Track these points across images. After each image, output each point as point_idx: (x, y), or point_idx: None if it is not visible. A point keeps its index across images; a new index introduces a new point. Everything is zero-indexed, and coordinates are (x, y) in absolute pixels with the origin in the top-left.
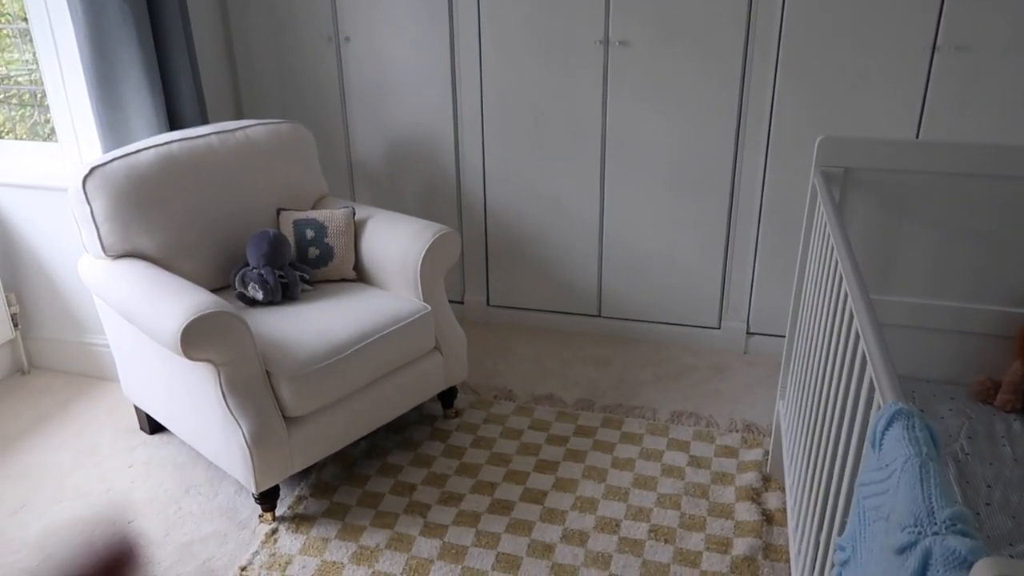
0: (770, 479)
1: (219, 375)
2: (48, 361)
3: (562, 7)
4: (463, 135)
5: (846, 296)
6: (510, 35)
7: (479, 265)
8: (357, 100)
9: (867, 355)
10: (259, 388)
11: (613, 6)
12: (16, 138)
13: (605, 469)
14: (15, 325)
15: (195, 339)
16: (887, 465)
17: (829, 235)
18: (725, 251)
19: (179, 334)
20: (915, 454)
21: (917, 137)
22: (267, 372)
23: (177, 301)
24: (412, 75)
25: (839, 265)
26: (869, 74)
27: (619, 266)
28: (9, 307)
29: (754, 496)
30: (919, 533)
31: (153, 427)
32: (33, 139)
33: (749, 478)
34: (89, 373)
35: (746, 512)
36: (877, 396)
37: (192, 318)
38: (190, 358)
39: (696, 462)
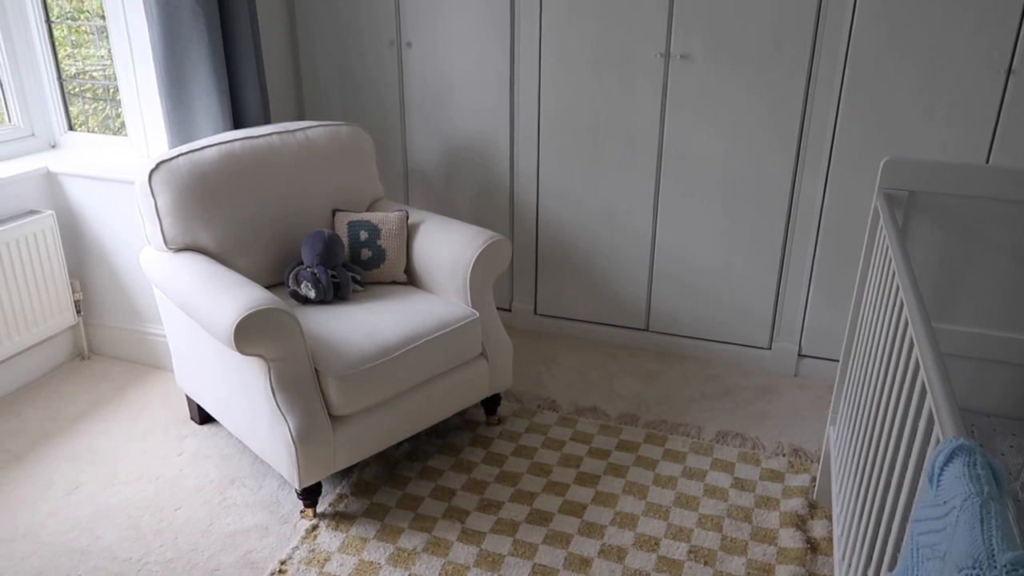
0: (816, 506)
1: (269, 371)
2: (107, 348)
3: (624, 18)
4: (519, 144)
5: (906, 323)
6: (571, 45)
7: (528, 274)
8: (416, 105)
9: (927, 386)
10: (307, 386)
11: (676, 19)
12: (88, 131)
13: (646, 486)
14: (78, 312)
15: (248, 334)
16: (945, 502)
17: (890, 259)
18: (779, 271)
19: (233, 328)
20: (976, 493)
21: (987, 162)
22: (315, 370)
23: (232, 296)
24: (471, 82)
25: (900, 291)
26: (938, 96)
27: (670, 281)
28: (73, 294)
29: (799, 523)
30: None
31: (203, 417)
32: (104, 132)
33: (795, 504)
34: (145, 361)
35: (790, 539)
36: (936, 429)
37: (246, 313)
38: (242, 352)
39: (740, 484)
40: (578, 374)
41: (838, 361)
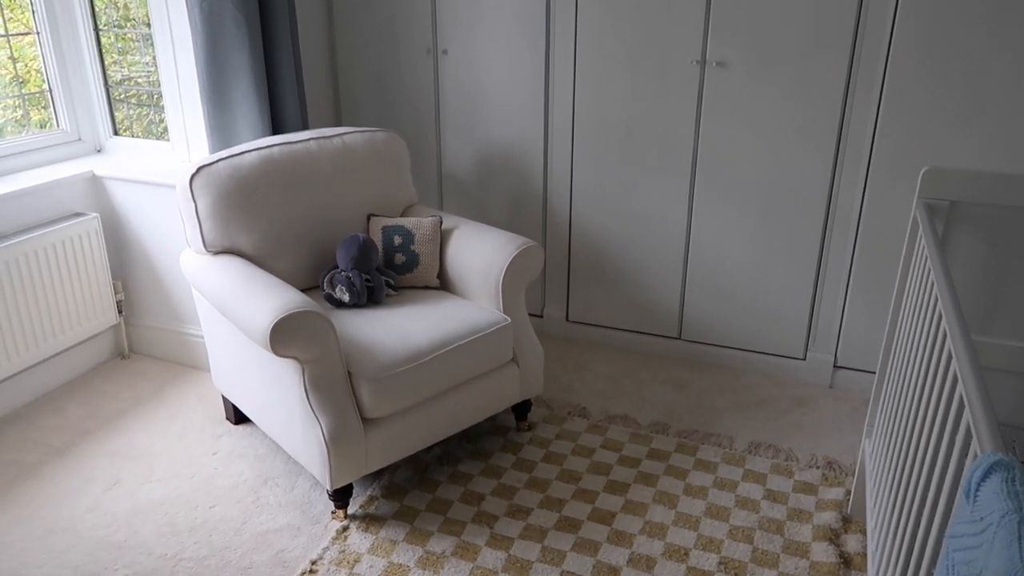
0: (851, 520)
1: (303, 373)
2: (147, 347)
3: (660, 25)
4: (553, 150)
5: (945, 336)
6: (606, 52)
7: (561, 280)
8: (451, 112)
9: (965, 400)
10: (340, 388)
11: (712, 26)
12: (133, 136)
13: (677, 495)
14: (119, 311)
15: (283, 336)
16: (982, 519)
17: (929, 270)
18: (816, 281)
19: (269, 330)
20: (1014, 509)
21: None
22: (349, 373)
23: (269, 298)
24: (506, 89)
25: (939, 303)
26: (981, 103)
27: (703, 289)
28: (115, 294)
29: (832, 537)
30: None
31: (239, 418)
32: (148, 137)
33: (828, 517)
34: (183, 361)
35: (823, 553)
36: (974, 444)
37: (282, 316)
38: (277, 354)
39: (772, 496)
40: (609, 382)
41: (875, 373)
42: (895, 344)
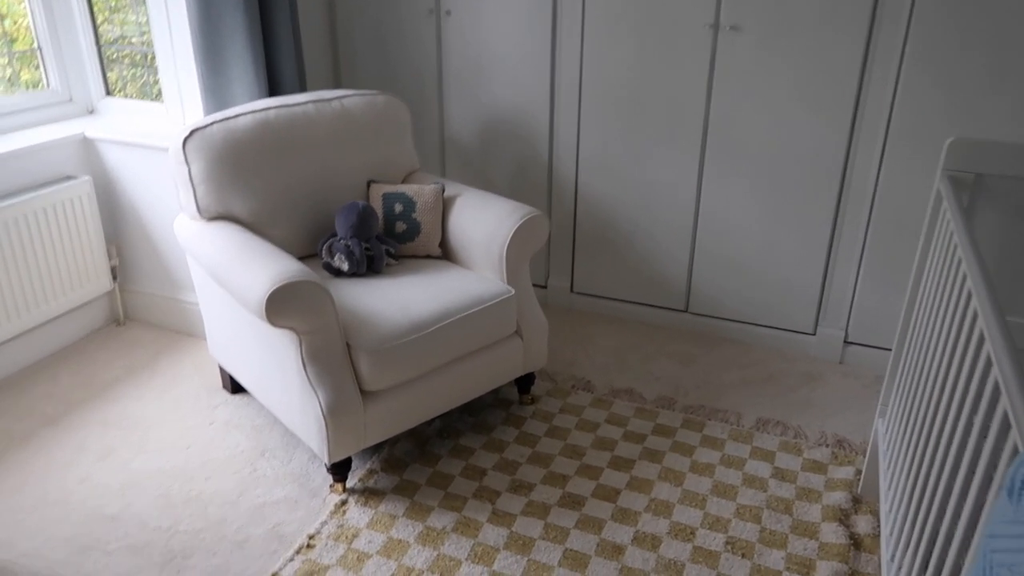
0: (861, 501)
1: (300, 344)
2: (142, 314)
3: None
4: (559, 116)
5: (975, 316)
6: (615, 13)
7: (565, 250)
8: (454, 75)
9: (1001, 386)
10: (338, 360)
11: None
12: (126, 97)
13: (683, 472)
14: (114, 277)
15: (279, 306)
16: None
17: (955, 246)
18: (828, 254)
19: (264, 300)
20: None
21: None
22: (347, 344)
23: (264, 267)
24: (511, 52)
25: (967, 280)
26: (1009, 69)
27: (712, 261)
28: (110, 260)
29: (842, 517)
30: None
31: (235, 387)
32: (142, 99)
33: (838, 497)
34: (180, 329)
35: (832, 534)
36: (1014, 438)
37: (278, 285)
38: (273, 325)
39: (780, 474)
40: (614, 355)
41: (886, 349)
42: (914, 322)
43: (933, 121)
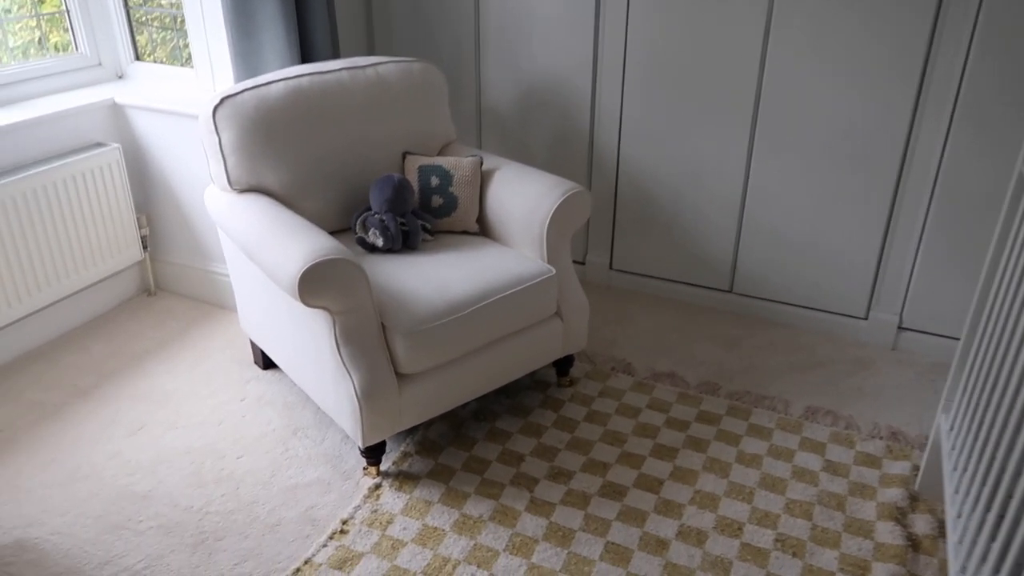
0: (919, 499)
1: (334, 324)
2: (173, 284)
3: None
4: (601, 85)
5: None
6: None
7: (605, 225)
8: (492, 41)
9: None
10: (373, 341)
11: None
12: (156, 61)
13: (729, 463)
14: (145, 247)
15: (313, 285)
16: None
17: None
18: (884, 234)
19: (297, 278)
20: None
21: None
22: (382, 325)
23: (298, 244)
24: (553, 15)
25: None
26: None
27: (759, 240)
28: (140, 229)
29: (898, 516)
30: None
31: (267, 362)
32: (172, 63)
33: (893, 494)
34: (211, 300)
35: (888, 534)
36: None
37: (311, 263)
38: (306, 304)
39: (832, 468)
40: (655, 336)
41: (944, 337)
42: (989, 312)
43: (1010, 90)
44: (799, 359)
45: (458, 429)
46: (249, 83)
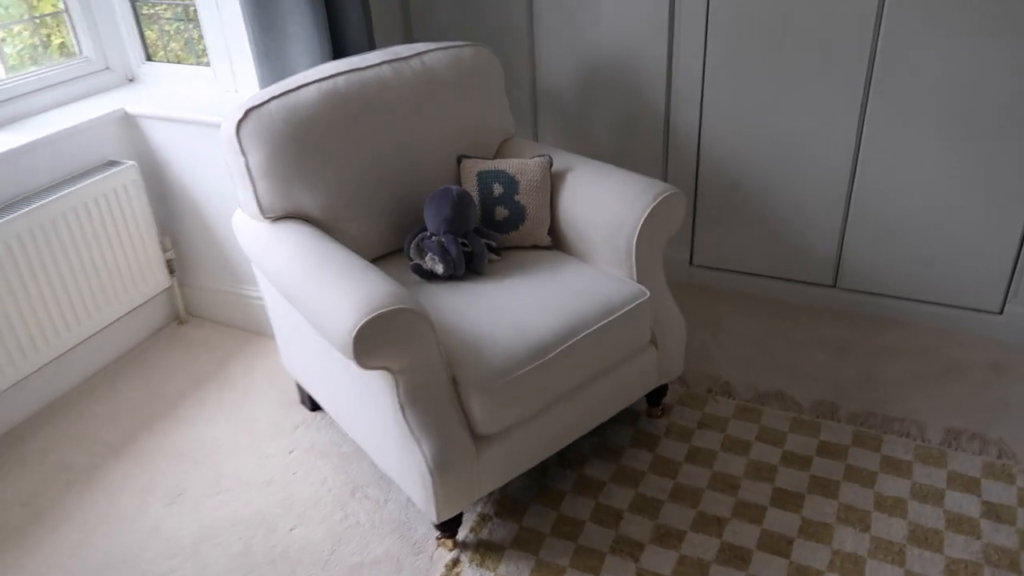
0: None
1: (397, 384)
2: (206, 310)
3: None
4: (678, 57)
5: None
6: None
7: (685, 217)
8: (547, 15)
9: None
10: (444, 401)
11: None
12: (168, 61)
13: (867, 511)
14: (171, 272)
15: (371, 344)
16: None
17: None
18: None
19: (351, 338)
20: None
21: None
22: (453, 379)
23: (348, 290)
24: None
25: None
26: None
27: (870, 226)
28: (164, 253)
29: None
30: None
31: (314, 403)
32: (186, 61)
33: None
34: (247, 327)
35: None
36: None
37: (367, 318)
38: (363, 367)
39: (994, 512)
40: (753, 345)
41: None
42: None
43: None
44: (924, 366)
45: (541, 479)
46: (276, 89)
